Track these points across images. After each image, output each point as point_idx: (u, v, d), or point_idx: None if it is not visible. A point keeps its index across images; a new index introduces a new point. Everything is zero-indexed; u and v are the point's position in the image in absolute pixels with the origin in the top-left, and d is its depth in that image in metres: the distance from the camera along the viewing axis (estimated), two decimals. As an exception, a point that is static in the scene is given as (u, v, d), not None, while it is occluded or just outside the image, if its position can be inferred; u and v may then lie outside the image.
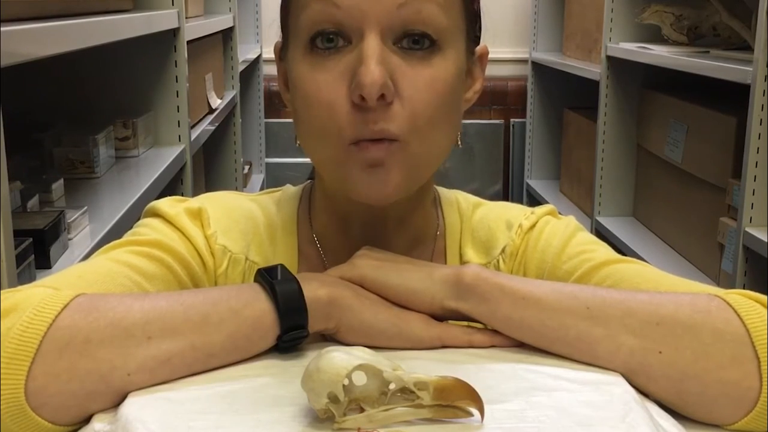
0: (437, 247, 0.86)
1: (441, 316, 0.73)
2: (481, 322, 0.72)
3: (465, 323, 0.74)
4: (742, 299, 0.68)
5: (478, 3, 0.82)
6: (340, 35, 0.72)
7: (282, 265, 0.73)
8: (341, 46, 0.72)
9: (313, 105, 0.73)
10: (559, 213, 0.89)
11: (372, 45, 0.71)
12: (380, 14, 0.71)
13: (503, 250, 0.85)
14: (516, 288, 0.70)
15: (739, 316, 0.66)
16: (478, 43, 0.82)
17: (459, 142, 0.80)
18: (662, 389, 0.67)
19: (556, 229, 0.84)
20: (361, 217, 0.82)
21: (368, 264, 0.74)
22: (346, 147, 0.73)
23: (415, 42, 0.72)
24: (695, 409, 0.66)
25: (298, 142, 0.80)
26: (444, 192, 0.90)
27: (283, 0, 0.79)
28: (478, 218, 0.88)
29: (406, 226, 0.84)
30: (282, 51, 0.81)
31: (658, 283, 0.75)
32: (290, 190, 0.89)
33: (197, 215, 0.82)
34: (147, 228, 0.80)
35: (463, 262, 0.85)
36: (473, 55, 0.82)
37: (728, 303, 0.67)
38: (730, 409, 0.65)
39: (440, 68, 0.73)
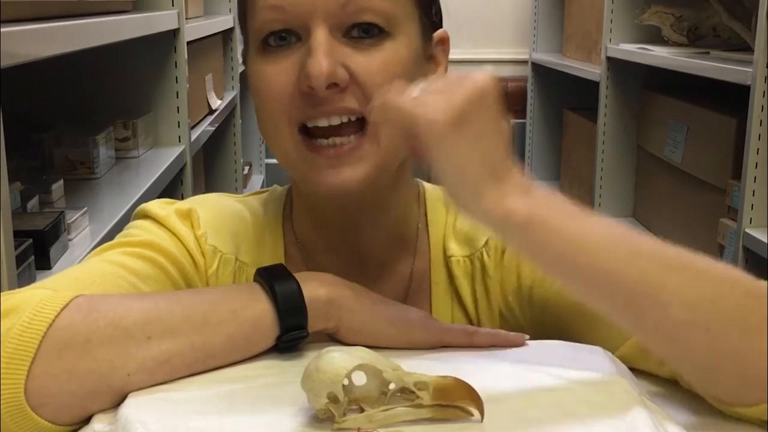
0: (420, 243, 0.86)
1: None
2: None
3: (465, 324, 0.74)
4: None
5: None
6: (291, 33, 0.74)
7: (281, 265, 0.73)
8: (293, 43, 0.74)
9: (264, 96, 0.76)
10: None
11: (320, 38, 0.72)
12: (326, 12, 0.72)
13: (486, 243, 0.84)
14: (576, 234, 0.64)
15: None
16: (437, 28, 0.82)
17: None
18: (699, 367, 0.65)
19: None
20: (334, 212, 0.82)
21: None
22: (297, 135, 0.74)
23: (364, 31, 0.74)
24: (725, 390, 0.65)
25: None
26: (430, 187, 0.90)
27: (239, 6, 0.81)
28: None
29: (382, 222, 0.83)
30: (245, 50, 0.82)
31: None
32: (277, 191, 0.90)
33: (187, 216, 0.82)
34: (138, 229, 0.81)
35: (446, 256, 0.85)
36: (431, 40, 0.82)
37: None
38: (760, 392, 0.63)
39: (392, 51, 0.75)
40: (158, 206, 0.83)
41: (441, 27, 0.83)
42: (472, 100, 0.62)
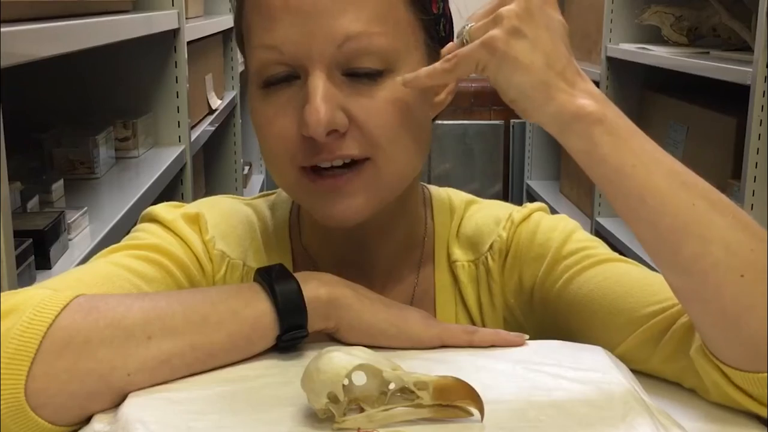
0: (426, 249, 0.86)
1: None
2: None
3: (465, 324, 0.74)
4: None
5: (440, 4, 0.80)
6: (291, 75, 0.73)
7: (281, 265, 0.73)
8: (293, 82, 0.73)
9: (266, 136, 0.75)
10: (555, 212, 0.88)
11: (316, 83, 0.71)
12: (323, 52, 0.71)
13: (491, 247, 0.84)
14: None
15: None
16: (446, 41, 0.79)
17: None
18: (722, 316, 0.64)
19: (555, 224, 0.83)
20: (343, 232, 0.81)
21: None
22: (298, 170, 0.74)
23: (365, 73, 0.72)
24: (738, 350, 0.64)
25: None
26: (434, 191, 0.89)
27: (236, 26, 0.80)
28: (468, 215, 0.87)
29: (390, 235, 0.83)
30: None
31: (658, 285, 0.75)
32: (284, 193, 0.89)
33: (195, 220, 0.82)
34: (145, 232, 0.80)
35: (451, 261, 0.85)
36: (439, 58, 0.80)
37: None
38: None
39: (394, 90, 0.73)
40: (165, 210, 0.82)
41: (451, 38, 0.81)
42: (520, 12, 0.67)
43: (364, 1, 0.71)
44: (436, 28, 0.79)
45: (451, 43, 0.74)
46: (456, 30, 0.80)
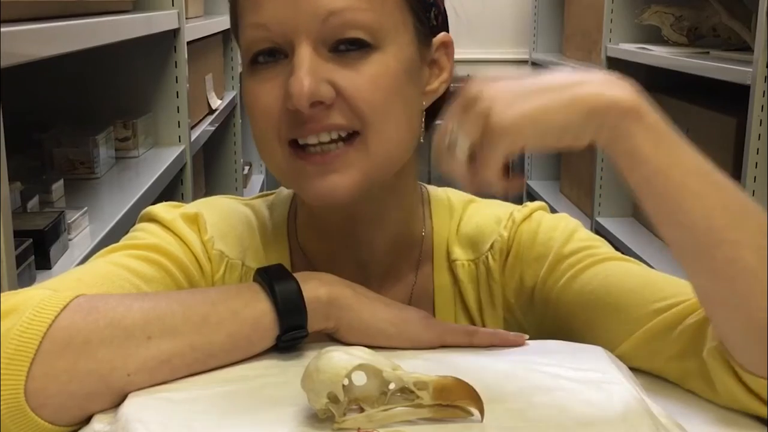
0: (424, 247, 0.86)
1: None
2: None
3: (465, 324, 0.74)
4: None
5: None
6: (278, 51, 0.74)
7: (281, 265, 0.73)
8: (280, 60, 0.74)
9: (254, 113, 0.76)
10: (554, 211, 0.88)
11: (302, 56, 0.71)
12: (308, 28, 0.72)
13: (492, 246, 0.84)
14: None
15: None
16: (438, 32, 0.80)
17: (422, 138, 0.80)
18: (750, 322, 0.64)
19: (556, 223, 0.83)
20: (334, 222, 0.82)
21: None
22: (286, 148, 0.74)
23: (350, 44, 0.73)
24: (755, 351, 0.64)
25: None
26: (433, 190, 0.89)
27: (231, 20, 0.81)
28: (468, 215, 0.87)
29: (384, 227, 0.83)
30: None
31: (659, 284, 0.75)
32: (282, 194, 0.89)
33: (194, 220, 0.82)
34: (144, 232, 0.80)
35: (450, 260, 0.85)
36: (430, 45, 0.80)
37: None
38: None
39: (380, 64, 0.73)
40: (164, 210, 0.82)
41: (443, 30, 0.81)
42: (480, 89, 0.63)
43: None
44: (427, 15, 0.79)
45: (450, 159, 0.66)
46: (449, 30, 0.80)
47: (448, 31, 0.82)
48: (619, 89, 0.64)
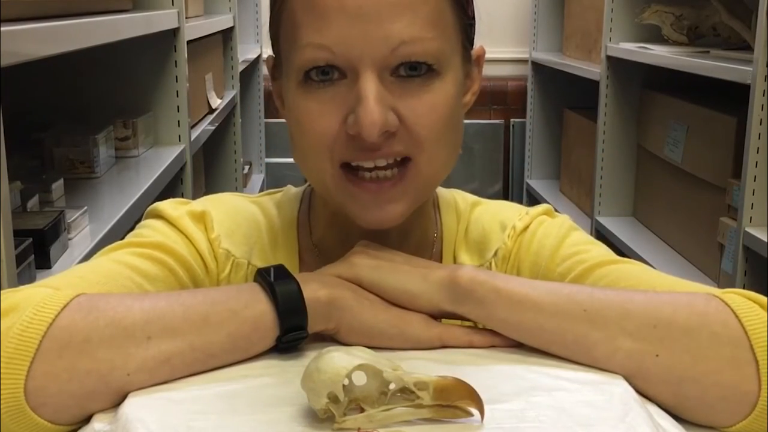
0: (435, 251, 0.86)
1: (438, 317, 0.73)
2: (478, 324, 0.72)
3: (465, 323, 0.74)
4: (741, 300, 0.68)
5: (472, 7, 0.80)
6: (335, 69, 0.72)
7: (281, 265, 0.73)
8: (336, 79, 0.73)
9: (307, 132, 0.74)
10: (556, 211, 0.88)
11: (369, 84, 0.71)
12: (375, 56, 0.71)
13: (495, 253, 0.84)
14: (512, 291, 0.70)
15: (737, 317, 0.66)
16: (473, 45, 0.81)
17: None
18: (660, 392, 0.67)
19: (550, 230, 0.84)
20: (362, 231, 0.80)
21: (365, 264, 0.74)
22: (338, 168, 0.74)
23: (412, 69, 0.72)
24: (693, 413, 0.66)
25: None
26: (442, 193, 0.89)
27: (273, 19, 0.79)
28: (474, 218, 0.87)
29: (408, 237, 0.84)
30: (275, 69, 0.81)
31: (653, 284, 0.75)
32: (291, 191, 0.89)
33: (200, 218, 0.82)
34: (149, 229, 0.80)
35: (457, 263, 0.85)
36: (470, 61, 0.81)
37: (727, 304, 0.67)
38: (729, 412, 0.65)
39: (440, 92, 0.74)
40: (171, 206, 0.82)
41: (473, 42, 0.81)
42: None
43: (419, 6, 0.71)
44: (469, 32, 0.79)
45: None
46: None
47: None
48: (453, 269, 0.73)
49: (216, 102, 2.47)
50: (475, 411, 0.60)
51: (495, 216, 0.87)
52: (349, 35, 0.70)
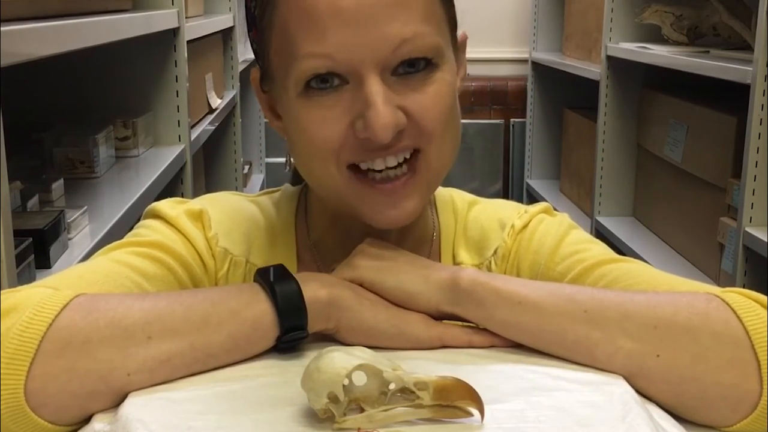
0: (433, 249, 0.86)
1: (438, 318, 0.73)
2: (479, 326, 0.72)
3: (464, 323, 0.74)
4: (742, 299, 0.68)
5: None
6: (335, 76, 0.72)
7: (281, 265, 0.73)
8: (337, 85, 0.72)
9: (313, 139, 0.74)
10: (555, 210, 0.88)
11: (374, 86, 0.71)
12: (377, 57, 0.71)
13: (495, 252, 0.84)
14: (512, 292, 0.70)
15: (738, 317, 0.66)
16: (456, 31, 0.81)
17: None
18: (660, 392, 0.67)
19: (549, 229, 0.84)
20: (362, 230, 0.81)
21: (367, 265, 0.74)
22: (347, 171, 0.74)
23: (410, 65, 0.73)
24: (694, 412, 0.66)
25: (287, 167, 0.83)
26: (439, 191, 0.89)
27: (258, 36, 0.78)
28: (472, 217, 0.87)
29: (407, 236, 0.84)
30: (263, 83, 0.81)
31: (653, 283, 0.75)
32: (289, 191, 0.89)
33: (198, 217, 0.82)
34: (147, 229, 0.80)
35: (456, 263, 0.85)
36: (458, 48, 0.81)
37: (727, 304, 0.67)
38: (729, 411, 0.65)
39: (442, 82, 0.74)
40: (169, 206, 0.82)
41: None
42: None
43: (412, 3, 0.72)
44: (456, 21, 0.80)
45: None
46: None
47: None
48: (454, 270, 0.74)
49: (216, 102, 2.47)
50: (475, 411, 0.60)
51: (494, 214, 0.87)
52: (349, 41, 0.70)
